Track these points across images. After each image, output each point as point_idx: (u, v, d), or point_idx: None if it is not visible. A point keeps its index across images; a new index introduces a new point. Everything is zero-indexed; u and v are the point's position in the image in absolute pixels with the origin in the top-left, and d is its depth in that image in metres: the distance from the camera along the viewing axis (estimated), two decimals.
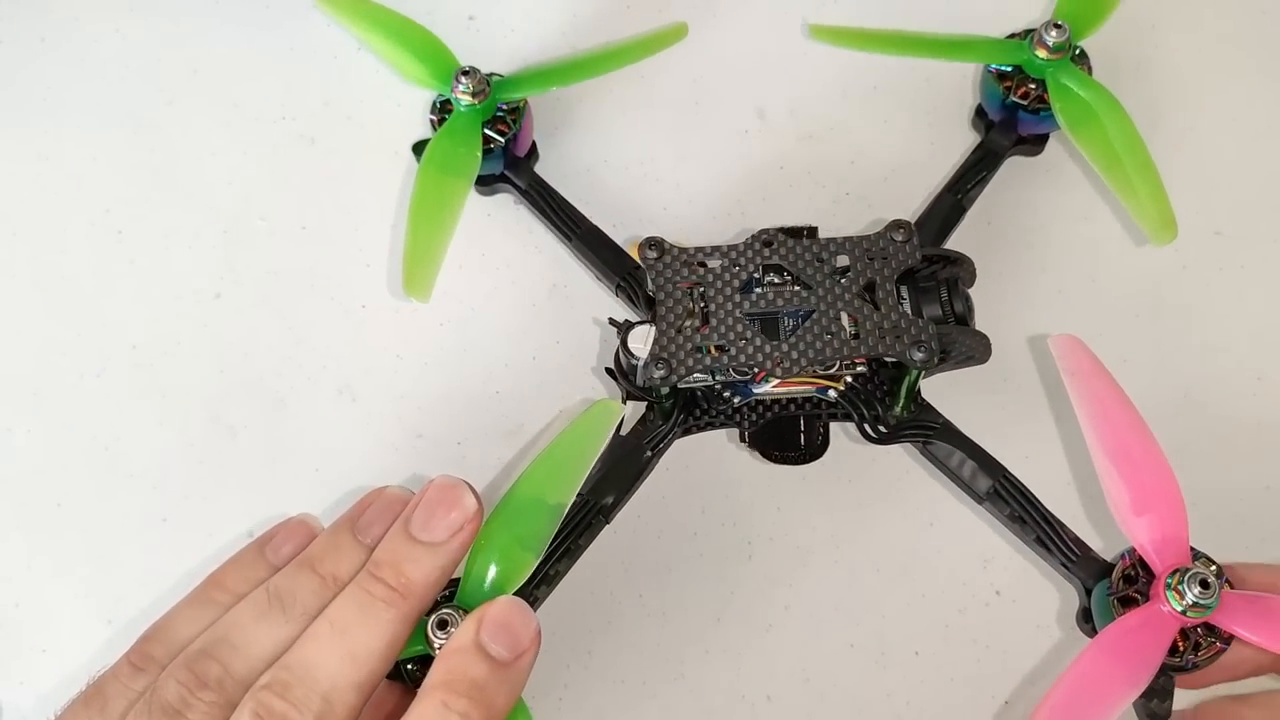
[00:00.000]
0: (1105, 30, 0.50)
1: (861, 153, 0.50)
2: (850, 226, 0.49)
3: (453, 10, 0.50)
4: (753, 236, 0.41)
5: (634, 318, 0.44)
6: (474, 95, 0.45)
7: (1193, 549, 0.35)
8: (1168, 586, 0.33)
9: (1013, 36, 0.47)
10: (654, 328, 0.40)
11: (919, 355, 0.38)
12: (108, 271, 0.49)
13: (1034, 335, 0.49)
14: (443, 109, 0.46)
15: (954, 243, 0.49)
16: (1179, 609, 0.32)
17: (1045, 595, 0.47)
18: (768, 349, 0.39)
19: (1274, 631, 0.32)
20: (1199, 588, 0.32)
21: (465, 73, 0.44)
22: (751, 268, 0.41)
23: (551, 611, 0.47)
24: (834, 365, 0.40)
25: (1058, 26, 0.44)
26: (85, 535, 0.47)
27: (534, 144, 0.49)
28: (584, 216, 0.47)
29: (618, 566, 0.47)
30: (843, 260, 0.41)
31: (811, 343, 0.39)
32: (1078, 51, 0.46)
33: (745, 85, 0.50)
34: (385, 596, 0.31)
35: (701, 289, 0.41)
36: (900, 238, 0.40)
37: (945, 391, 0.45)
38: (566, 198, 0.47)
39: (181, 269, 0.49)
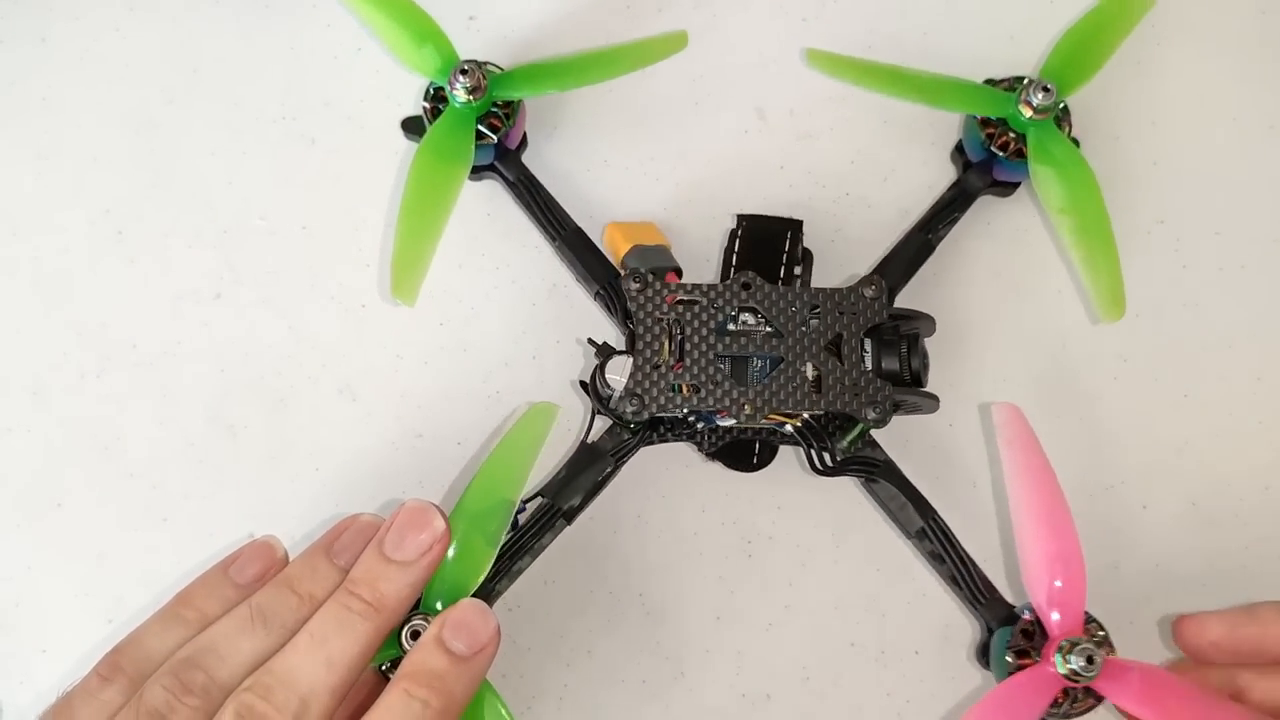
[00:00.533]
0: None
1: (861, 153, 0.50)
2: (850, 226, 0.49)
3: (453, 10, 0.50)
4: (732, 279, 0.43)
5: (611, 323, 0.45)
6: (470, 93, 0.44)
7: (1087, 614, 0.39)
8: (1059, 650, 0.38)
9: (1003, 82, 0.47)
10: (631, 360, 0.42)
11: (872, 415, 0.42)
12: (108, 271, 0.49)
13: (1036, 333, 0.49)
14: (436, 96, 0.46)
15: (970, 254, 0.49)
16: (1064, 673, 0.37)
17: None
18: (735, 394, 0.42)
19: (1140, 701, 0.37)
20: (1084, 661, 0.37)
21: (464, 71, 0.44)
22: (729, 310, 0.43)
23: (551, 611, 0.47)
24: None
25: (1045, 90, 0.44)
26: (85, 535, 0.47)
27: (524, 134, 0.49)
28: (569, 217, 0.47)
29: (618, 566, 0.48)
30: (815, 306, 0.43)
31: (776, 392, 0.42)
32: (1062, 107, 0.46)
33: (745, 85, 0.50)
34: (361, 610, 0.34)
35: (680, 325, 0.43)
36: (870, 294, 0.43)
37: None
38: (555, 196, 0.47)
39: (181, 269, 0.49)
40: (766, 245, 0.46)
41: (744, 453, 0.45)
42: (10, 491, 0.47)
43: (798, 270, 0.46)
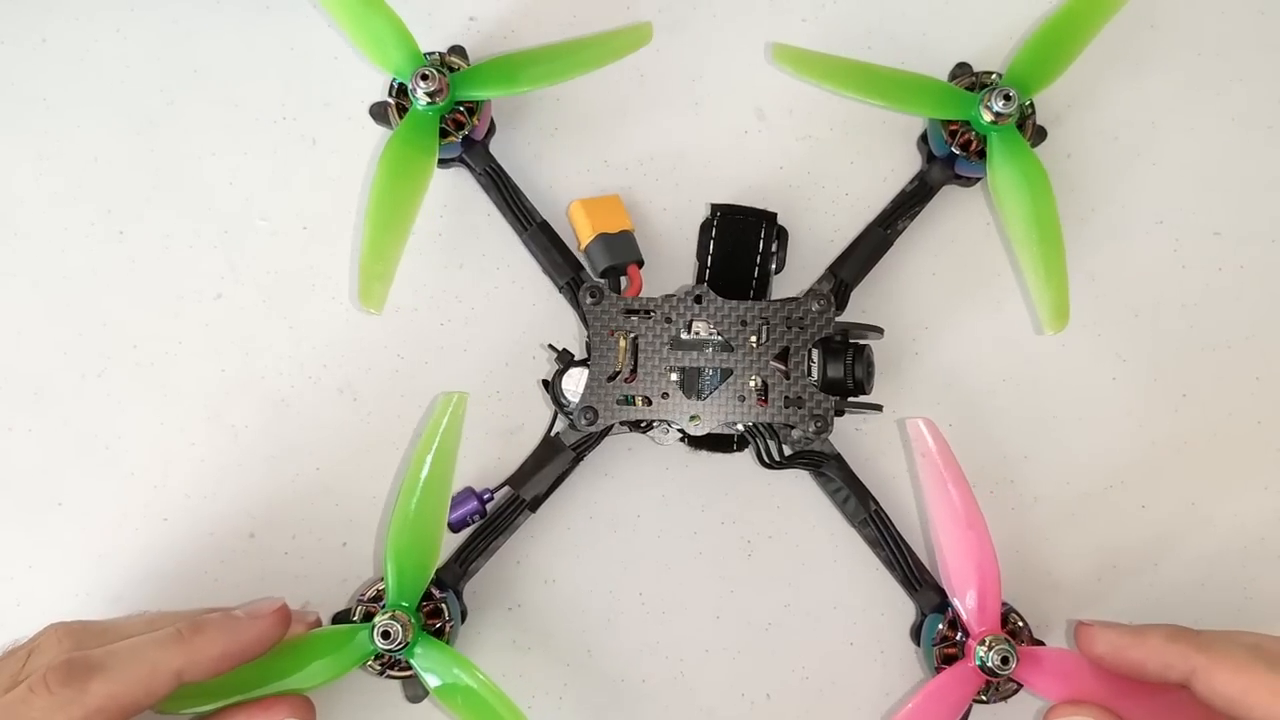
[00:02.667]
0: (1104, 30, 0.50)
1: (861, 153, 0.50)
2: (849, 226, 0.49)
3: (453, 11, 0.50)
4: (688, 291, 0.45)
5: (573, 318, 0.46)
6: (432, 96, 0.44)
7: (1005, 605, 0.43)
8: (979, 647, 0.41)
9: (971, 77, 0.47)
10: (587, 372, 0.44)
11: (813, 428, 0.44)
12: (108, 271, 0.49)
13: (1029, 331, 0.49)
14: (400, 91, 0.46)
15: (967, 254, 0.49)
16: (983, 668, 0.41)
17: (1044, 595, 0.47)
18: (685, 407, 0.44)
19: (1053, 686, 0.41)
20: (999, 660, 0.41)
21: (424, 76, 0.44)
22: (682, 323, 0.44)
23: (551, 611, 0.47)
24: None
25: (1007, 97, 0.44)
26: (85, 535, 0.47)
27: (492, 122, 0.49)
28: (536, 210, 0.47)
29: (618, 566, 0.48)
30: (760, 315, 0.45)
31: (724, 404, 0.44)
32: (1028, 104, 0.46)
33: (745, 85, 0.50)
34: (175, 637, 0.38)
35: (635, 337, 0.44)
36: (818, 308, 0.44)
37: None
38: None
39: (182, 269, 0.49)
40: (741, 238, 0.47)
41: (724, 441, 0.46)
42: (10, 491, 0.48)
43: (773, 249, 0.47)
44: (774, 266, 0.47)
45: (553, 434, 0.46)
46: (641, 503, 0.48)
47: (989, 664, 0.41)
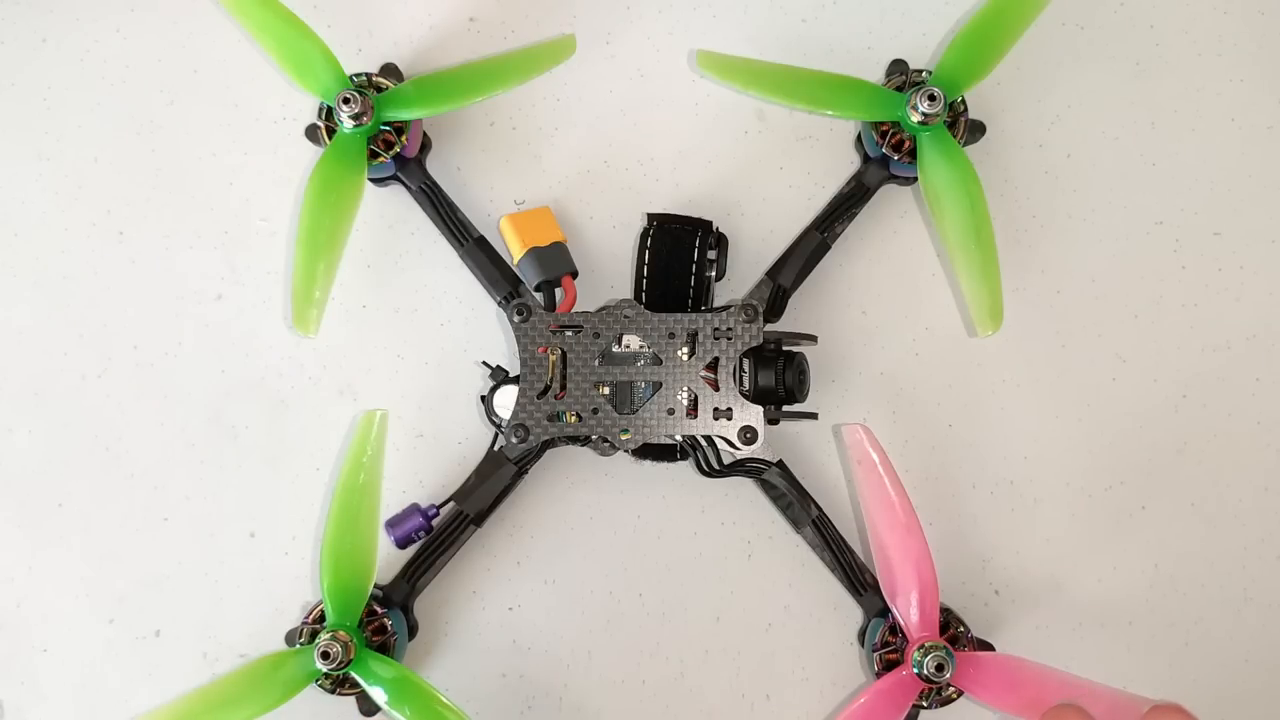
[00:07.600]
0: (1103, 30, 0.50)
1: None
2: (849, 228, 0.49)
3: (453, 12, 0.50)
4: (616, 305, 0.44)
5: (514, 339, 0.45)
6: (356, 119, 0.44)
7: (946, 610, 0.43)
8: (916, 653, 0.41)
9: (901, 77, 0.46)
10: (517, 390, 0.44)
11: (740, 442, 0.44)
12: (109, 272, 0.49)
13: (1039, 332, 0.49)
14: (328, 115, 0.46)
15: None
16: (920, 674, 0.41)
17: (1045, 595, 0.47)
18: (613, 420, 0.44)
19: (995, 693, 0.41)
20: (935, 667, 0.41)
21: (346, 100, 0.43)
22: (612, 336, 0.44)
23: (551, 611, 0.47)
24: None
25: (932, 97, 0.43)
26: (86, 535, 0.47)
27: (426, 137, 0.48)
28: (472, 225, 0.47)
29: (618, 566, 0.48)
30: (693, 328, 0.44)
31: (653, 416, 0.44)
32: (960, 100, 0.46)
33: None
34: None
35: (564, 353, 0.44)
36: (745, 318, 0.44)
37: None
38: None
39: (182, 269, 0.49)
40: (678, 247, 0.46)
41: (667, 450, 0.46)
42: (11, 491, 0.48)
43: (712, 255, 0.46)
44: (714, 274, 0.46)
45: (495, 449, 0.45)
46: (642, 504, 0.48)
47: (924, 671, 0.41)
